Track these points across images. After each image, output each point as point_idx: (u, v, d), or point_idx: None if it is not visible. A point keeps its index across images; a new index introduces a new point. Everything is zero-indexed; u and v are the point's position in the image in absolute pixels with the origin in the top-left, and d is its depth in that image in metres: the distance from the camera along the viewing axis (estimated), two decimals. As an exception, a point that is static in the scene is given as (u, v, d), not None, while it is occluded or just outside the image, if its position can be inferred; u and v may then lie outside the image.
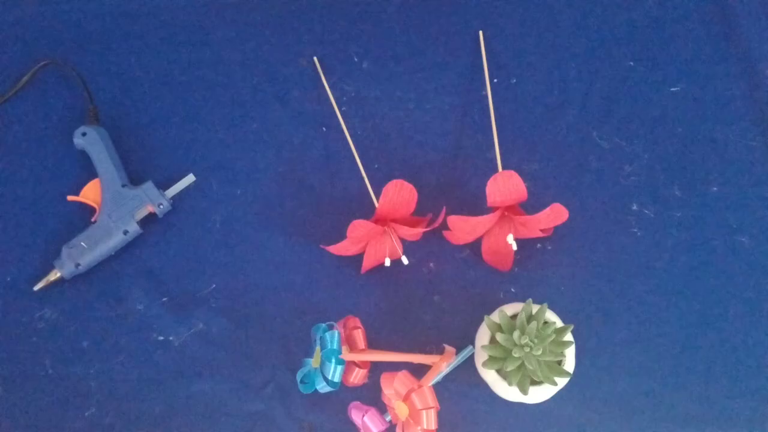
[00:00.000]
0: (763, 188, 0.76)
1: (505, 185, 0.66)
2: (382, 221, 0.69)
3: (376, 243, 0.71)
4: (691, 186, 0.76)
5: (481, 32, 0.82)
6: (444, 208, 0.71)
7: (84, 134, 0.75)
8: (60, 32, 0.81)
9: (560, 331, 0.62)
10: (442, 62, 0.81)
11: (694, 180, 0.76)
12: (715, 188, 0.76)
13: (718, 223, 0.75)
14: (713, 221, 0.75)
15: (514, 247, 0.70)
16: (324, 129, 0.79)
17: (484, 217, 0.68)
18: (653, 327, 0.72)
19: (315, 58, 0.81)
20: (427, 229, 0.71)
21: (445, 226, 0.70)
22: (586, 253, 0.74)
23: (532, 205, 0.69)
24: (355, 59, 0.82)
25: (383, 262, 0.72)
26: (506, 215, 0.70)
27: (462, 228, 0.69)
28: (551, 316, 0.65)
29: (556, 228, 0.73)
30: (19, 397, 0.71)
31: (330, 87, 0.80)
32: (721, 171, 0.76)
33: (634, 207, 0.76)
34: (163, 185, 0.75)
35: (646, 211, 0.75)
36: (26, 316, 0.73)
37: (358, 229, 0.67)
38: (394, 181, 0.66)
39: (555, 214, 0.67)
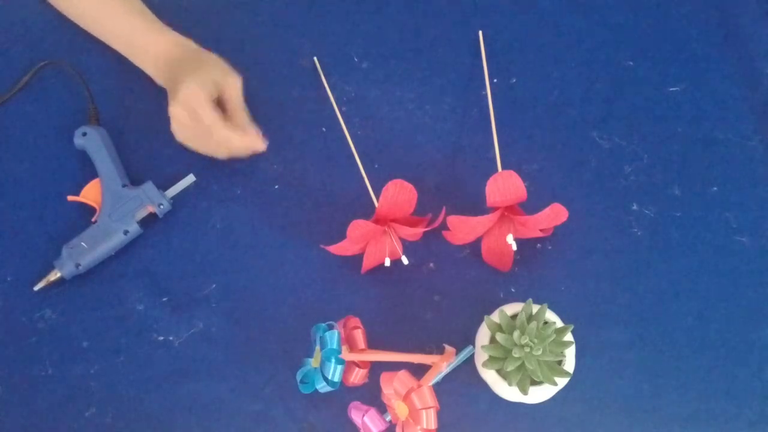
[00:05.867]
0: (763, 188, 0.76)
1: (504, 185, 0.66)
2: (382, 221, 0.69)
3: (376, 243, 0.71)
4: (691, 186, 0.76)
5: (480, 32, 0.82)
6: (444, 208, 0.71)
7: (84, 134, 0.75)
8: (60, 32, 0.81)
9: (560, 331, 0.62)
10: (442, 62, 0.81)
11: (694, 180, 0.76)
12: (715, 188, 0.76)
13: (718, 223, 0.75)
14: (713, 221, 0.75)
15: (514, 247, 0.70)
16: (324, 129, 0.79)
17: (484, 217, 0.68)
18: (653, 327, 0.72)
19: (315, 58, 0.81)
20: (427, 229, 0.71)
21: (445, 226, 0.70)
22: (586, 253, 0.74)
23: (532, 205, 0.69)
24: (355, 59, 0.82)
25: (383, 262, 0.72)
26: (506, 215, 0.70)
27: (462, 228, 0.69)
28: (551, 316, 0.65)
29: (556, 228, 0.73)
30: (19, 397, 0.71)
31: (330, 87, 0.80)
32: (721, 171, 0.76)
33: (634, 207, 0.76)
34: (163, 185, 0.75)
35: (646, 211, 0.75)
36: (26, 316, 0.73)
37: (358, 229, 0.67)
38: (394, 180, 0.66)
39: (555, 214, 0.67)
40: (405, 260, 0.72)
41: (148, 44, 0.76)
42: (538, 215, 0.66)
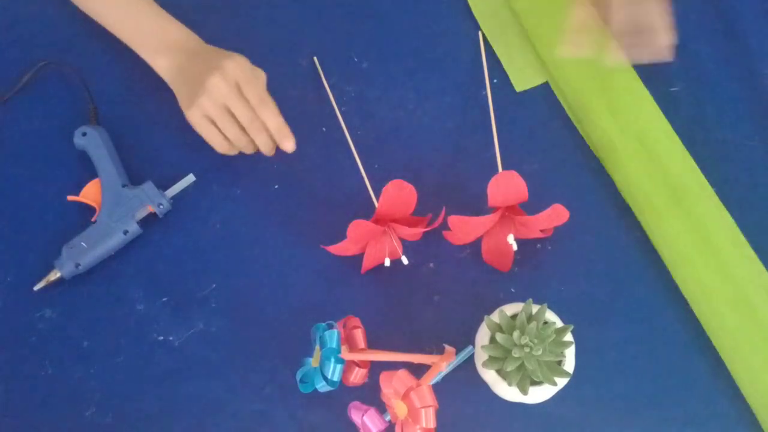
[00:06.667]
0: (763, 188, 0.76)
1: (506, 185, 0.66)
2: (382, 221, 0.70)
3: (376, 243, 0.71)
4: (691, 186, 0.76)
5: (480, 32, 0.82)
6: (444, 208, 0.71)
7: (84, 134, 0.75)
8: (60, 32, 0.81)
9: (560, 331, 0.62)
10: (442, 62, 0.81)
11: (694, 180, 0.76)
12: (714, 188, 0.75)
13: (718, 223, 0.75)
14: (713, 221, 0.75)
15: (515, 247, 0.70)
16: (324, 129, 0.79)
17: (485, 217, 0.68)
18: (653, 327, 0.72)
19: (315, 58, 0.81)
20: (427, 228, 0.71)
21: (445, 226, 0.70)
22: (586, 252, 0.74)
23: (532, 205, 0.69)
24: (355, 59, 0.82)
25: (383, 262, 0.72)
26: (507, 215, 0.70)
27: (462, 228, 0.69)
28: (551, 316, 0.65)
29: (556, 228, 0.73)
30: (19, 397, 0.71)
31: (330, 87, 0.80)
32: (721, 171, 0.76)
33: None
34: (163, 185, 0.75)
35: (646, 211, 0.75)
36: (26, 316, 0.73)
37: (358, 228, 0.67)
38: (394, 181, 0.66)
39: (556, 215, 0.67)
40: (405, 260, 0.72)
41: (158, 32, 0.75)
42: (539, 215, 0.66)
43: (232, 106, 0.70)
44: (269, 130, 0.72)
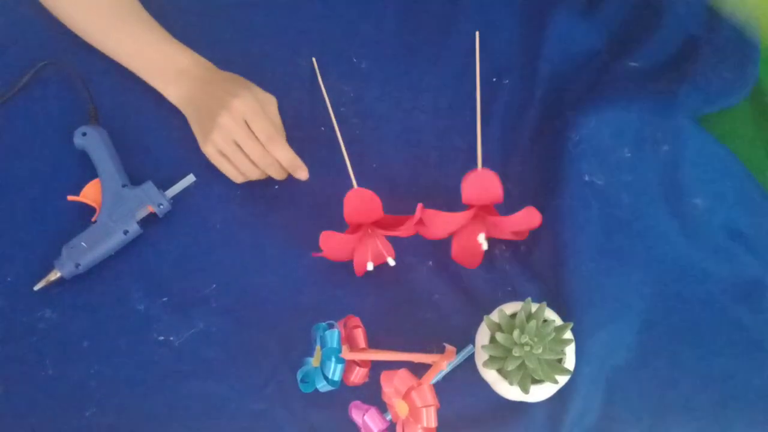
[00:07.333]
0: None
1: (480, 184, 0.65)
2: (358, 228, 0.69)
3: (363, 247, 0.71)
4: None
5: (477, 33, 0.82)
6: (420, 204, 0.69)
7: (84, 134, 0.76)
8: (60, 32, 0.81)
9: (560, 329, 0.62)
10: (441, 62, 0.81)
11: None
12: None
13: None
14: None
15: (485, 246, 0.69)
16: (323, 129, 0.79)
17: (457, 213, 0.67)
18: (653, 325, 0.72)
19: (314, 59, 0.81)
20: (415, 223, 0.70)
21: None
22: (586, 251, 0.74)
23: (518, 208, 0.68)
24: (354, 59, 0.82)
25: (378, 264, 0.72)
26: (480, 214, 0.69)
27: (434, 222, 0.68)
28: (550, 314, 0.65)
29: (555, 227, 0.72)
30: (19, 397, 0.71)
31: (328, 87, 0.80)
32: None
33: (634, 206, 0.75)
34: (163, 185, 0.75)
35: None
36: (26, 316, 0.73)
37: (330, 240, 0.66)
38: (354, 189, 0.66)
39: (528, 218, 0.66)
40: (391, 262, 0.71)
41: (166, 61, 0.75)
42: (510, 217, 0.65)
43: (241, 143, 0.72)
44: (280, 163, 0.73)
